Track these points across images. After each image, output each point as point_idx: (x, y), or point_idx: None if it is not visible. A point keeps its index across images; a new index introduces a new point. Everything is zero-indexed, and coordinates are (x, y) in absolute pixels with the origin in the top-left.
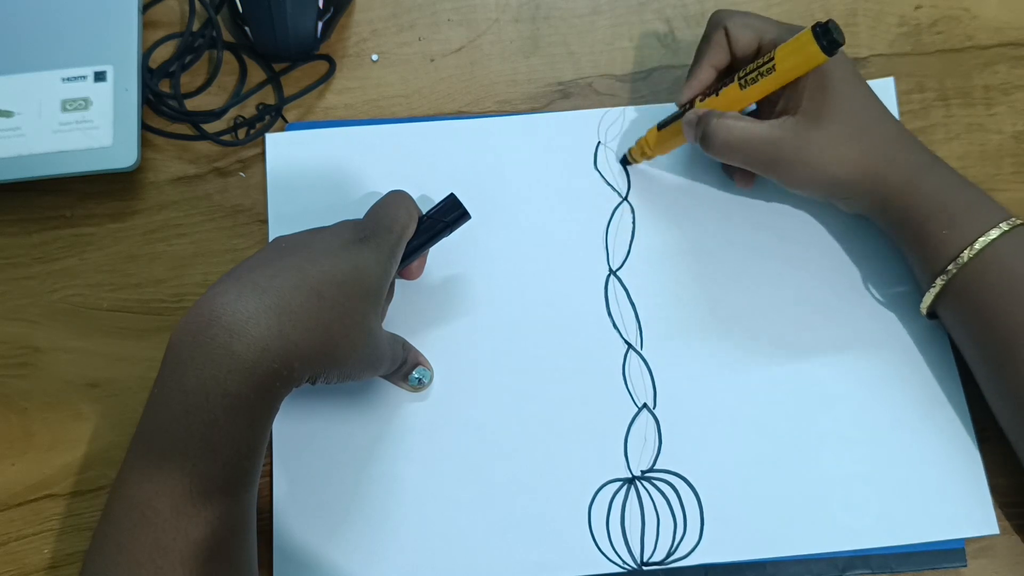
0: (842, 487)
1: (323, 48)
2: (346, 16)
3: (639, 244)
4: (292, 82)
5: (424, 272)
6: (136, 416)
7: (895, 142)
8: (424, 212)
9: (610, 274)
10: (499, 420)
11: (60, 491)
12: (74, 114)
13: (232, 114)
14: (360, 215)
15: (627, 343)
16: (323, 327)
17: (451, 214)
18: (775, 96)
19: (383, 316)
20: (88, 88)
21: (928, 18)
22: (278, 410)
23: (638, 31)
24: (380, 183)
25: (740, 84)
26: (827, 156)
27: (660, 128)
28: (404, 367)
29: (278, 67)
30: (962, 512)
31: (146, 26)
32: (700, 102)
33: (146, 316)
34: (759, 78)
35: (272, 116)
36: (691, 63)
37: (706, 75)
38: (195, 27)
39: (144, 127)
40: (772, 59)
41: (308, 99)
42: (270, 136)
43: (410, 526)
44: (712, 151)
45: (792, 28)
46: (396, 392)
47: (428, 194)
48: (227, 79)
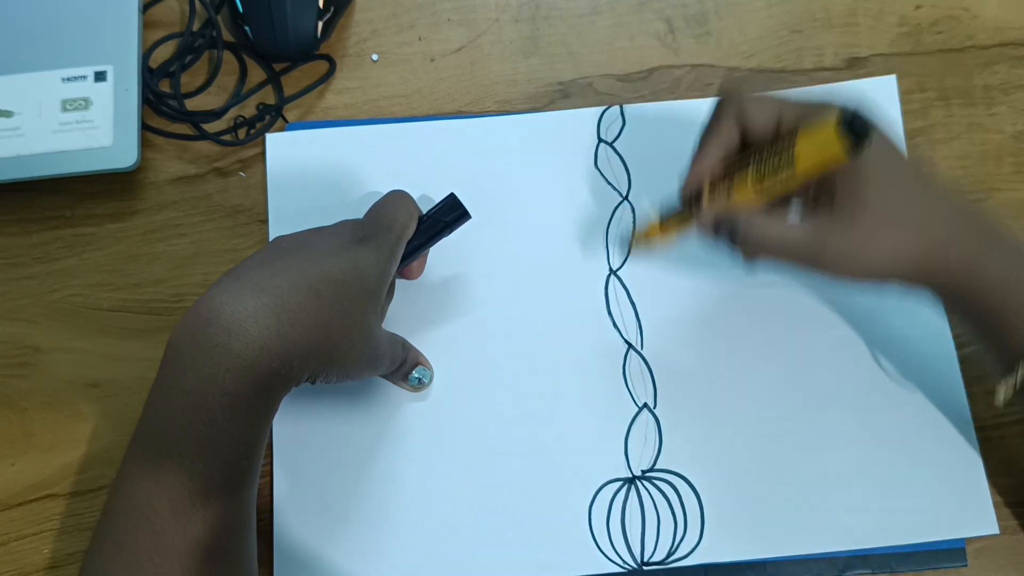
0: (842, 487)
1: (323, 48)
2: (346, 16)
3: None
4: (292, 82)
5: (424, 272)
6: (136, 416)
7: (951, 220)
8: (424, 212)
9: (610, 274)
10: (499, 420)
11: (60, 491)
12: (74, 114)
13: (232, 114)
14: (360, 215)
15: (627, 343)
16: (322, 326)
17: (451, 214)
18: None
19: (383, 316)
20: (88, 88)
21: (928, 18)
22: (277, 409)
23: (638, 31)
24: (380, 183)
25: (756, 179)
26: (870, 249)
27: (662, 221)
28: (404, 367)
29: (278, 67)
30: (962, 512)
31: (146, 26)
32: (709, 192)
33: (146, 316)
34: (777, 174)
35: (272, 116)
36: (697, 142)
37: (713, 159)
38: (195, 27)
39: (144, 127)
40: (793, 158)
41: (308, 99)
42: (270, 136)
43: (410, 526)
44: (743, 255)
45: (812, 105)
46: (396, 392)
47: (428, 194)
48: (227, 79)
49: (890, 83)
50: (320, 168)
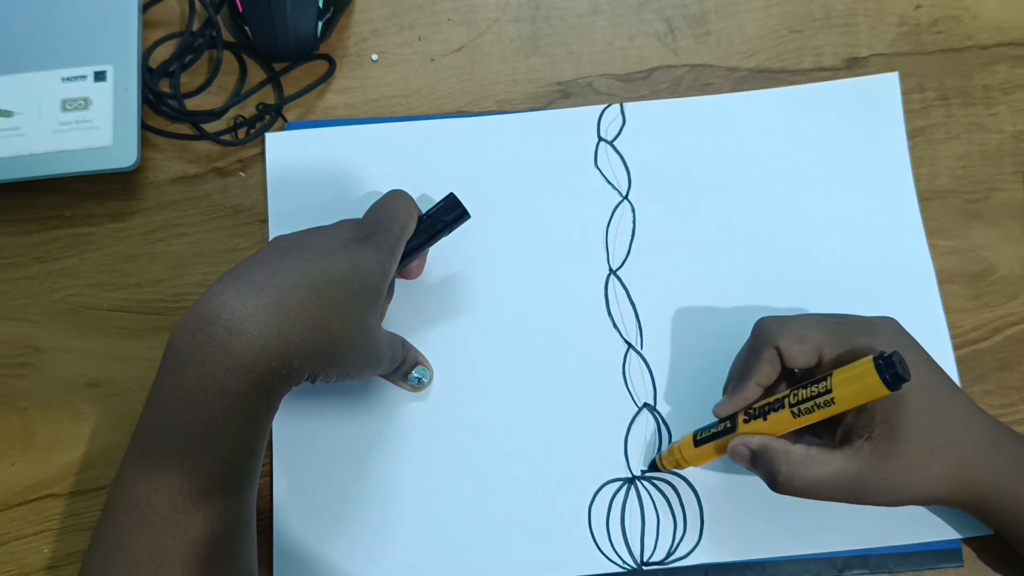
0: None
1: (323, 48)
2: (346, 16)
3: (639, 243)
4: (292, 82)
5: (424, 271)
6: (136, 416)
7: (983, 444)
8: (424, 211)
9: (610, 273)
10: (499, 420)
11: (60, 491)
12: (74, 114)
13: (232, 114)
14: (360, 214)
15: (627, 343)
16: (322, 326)
17: (451, 213)
18: None
19: (383, 315)
20: (88, 88)
21: (928, 18)
22: (277, 409)
23: (638, 31)
24: (380, 182)
25: (793, 413)
26: (913, 480)
27: (698, 443)
28: (404, 366)
29: (278, 67)
30: (959, 512)
31: (146, 26)
32: (744, 421)
33: (146, 316)
34: (815, 409)
35: (272, 116)
36: (732, 372)
37: (752, 393)
38: (195, 27)
39: (144, 127)
40: (830, 391)
41: (308, 99)
42: (270, 136)
43: (410, 526)
44: (783, 493)
45: (851, 334)
46: (396, 392)
47: (428, 193)
48: (227, 79)
49: (892, 80)
50: (320, 168)
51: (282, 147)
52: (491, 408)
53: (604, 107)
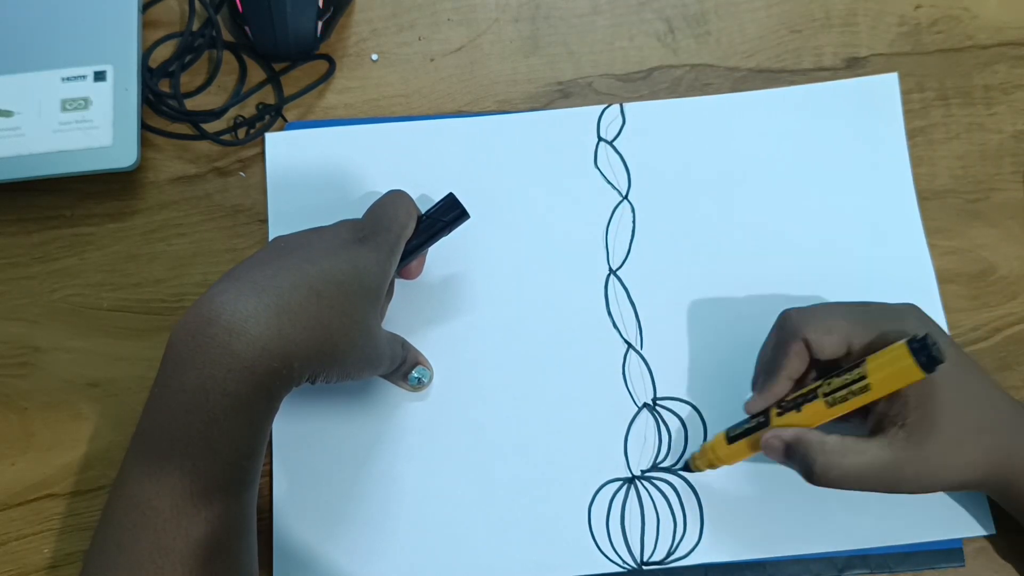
0: None
1: (323, 48)
2: (346, 16)
3: (639, 243)
4: (292, 82)
5: (423, 271)
6: (136, 416)
7: (1013, 430)
8: (423, 211)
9: (610, 273)
10: (499, 420)
11: (60, 491)
12: (74, 114)
13: (232, 114)
14: (360, 214)
15: (627, 343)
16: (322, 326)
17: (450, 213)
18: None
19: (382, 315)
20: (88, 88)
21: (928, 18)
22: (278, 410)
23: (638, 31)
24: (380, 182)
25: (827, 402)
26: (947, 465)
27: (731, 440)
28: (404, 366)
29: (278, 67)
30: (960, 512)
31: (146, 26)
32: (777, 414)
33: (146, 316)
34: (850, 397)
35: (272, 116)
36: (760, 366)
37: (782, 387)
38: (195, 27)
39: (144, 127)
40: (865, 377)
41: (308, 99)
42: (270, 136)
43: (410, 526)
44: (819, 485)
45: (878, 321)
46: (396, 392)
47: (428, 193)
48: (227, 79)
49: (892, 81)
50: (320, 168)
51: (282, 147)
52: (491, 408)
53: (604, 107)
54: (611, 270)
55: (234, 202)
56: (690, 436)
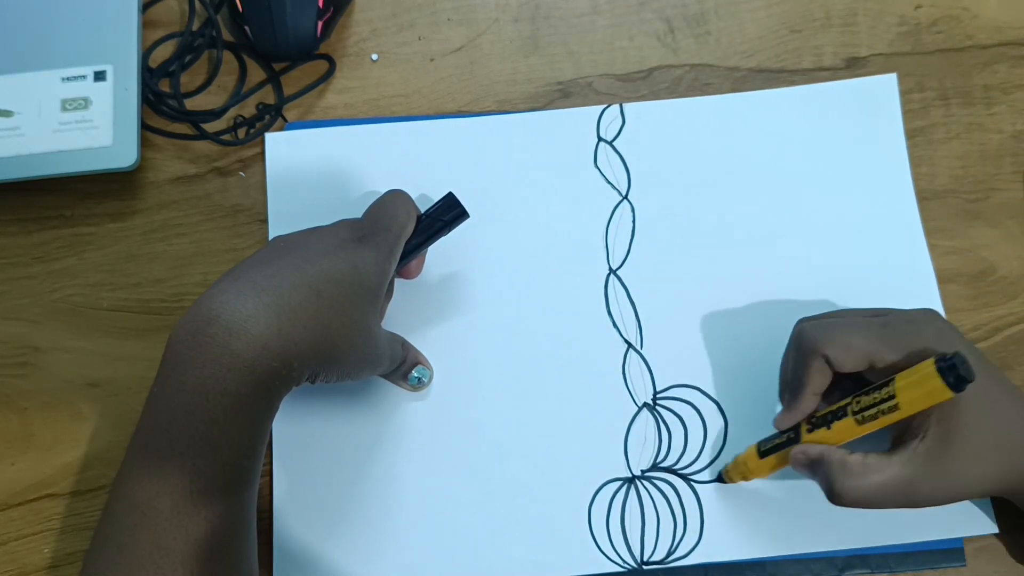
0: None
1: (323, 48)
2: (346, 16)
3: (639, 243)
4: (292, 82)
5: (423, 271)
6: (136, 416)
7: None
8: (423, 211)
9: (610, 273)
10: (499, 420)
11: (60, 491)
12: (74, 114)
13: (232, 114)
14: (359, 214)
15: (627, 342)
16: (322, 326)
17: (450, 213)
18: None
19: (382, 315)
20: (88, 88)
21: (928, 17)
22: (278, 409)
23: (638, 31)
24: (379, 182)
25: (856, 420)
26: (965, 480)
27: (762, 455)
28: (403, 366)
29: (278, 67)
30: (961, 511)
31: (146, 25)
32: (807, 430)
33: (146, 316)
34: (879, 416)
35: (272, 116)
36: (783, 382)
37: (809, 404)
38: (195, 27)
39: (144, 127)
40: (894, 397)
41: (308, 99)
42: (270, 136)
43: (410, 526)
44: (840, 505)
45: (898, 338)
46: (396, 392)
47: (427, 193)
48: (227, 79)
49: (891, 81)
50: (319, 168)
51: (282, 147)
52: (491, 408)
53: (604, 107)
54: (611, 270)
55: (234, 202)
56: (690, 436)
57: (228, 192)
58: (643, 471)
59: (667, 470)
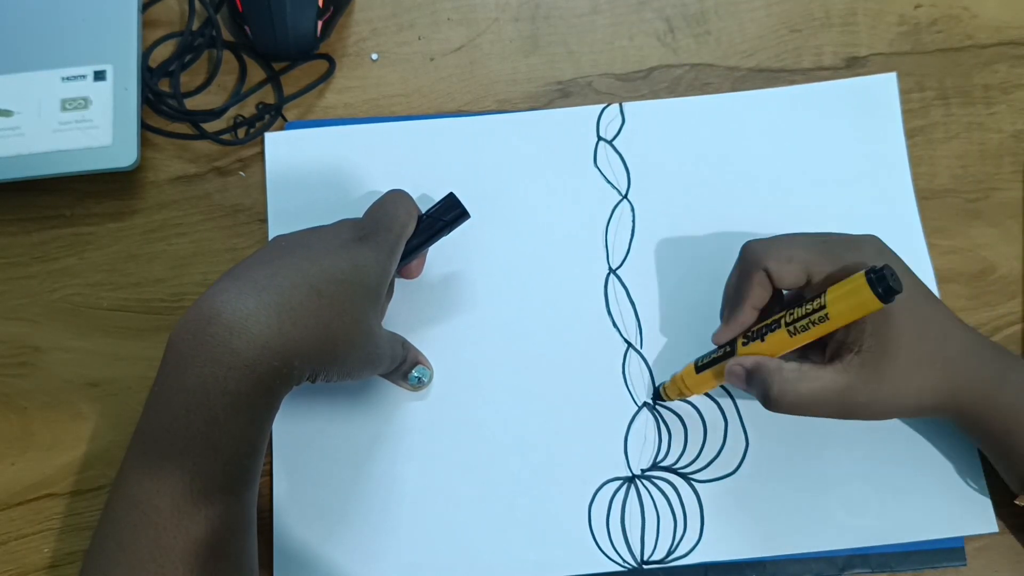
0: (842, 486)
1: (323, 47)
2: (346, 15)
3: (639, 242)
4: (292, 81)
5: (423, 271)
6: (136, 415)
7: (967, 357)
8: (423, 211)
9: (610, 272)
10: (499, 419)
11: (60, 490)
12: (74, 113)
13: (232, 113)
14: (360, 214)
15: (627, 342)
16: (323, 325)
17: (450, 213)
18: None
19: (383, 315)
20: (88, 87)
21: (928, 17)
22: (278, 409)
23: (637, 30)
24: (380, 182)
25: (789, 331)
26: (900, 391)
27: (699, 369)
28: (404, 366)
29: (278, 66)
30: (962, 511)
31: (146, 25)
32: (742, 344)
33: (146, 315)
34: (811, 326)
35: (272, 115)
36: (725, 299)
37: (748, 317)
38: (195, 26)
39: (144, 126)
40: (824, 307)
41: (308, 98)
42: (269, 135)
43: (410, 525)
44: (776, 411)
45: (837, 252)
46: (396, 392)
47: (428, 193)
48: (227, 78)
49: (890, 81)
50: (319, 167)
51: (282, 147)
52: (491, 408)
53: (603, 107)
54: (611, 269)
55: (234, 202)
56: (690, 435)
57: (228, 192)
58: (643, 470)
59: (667, 469)
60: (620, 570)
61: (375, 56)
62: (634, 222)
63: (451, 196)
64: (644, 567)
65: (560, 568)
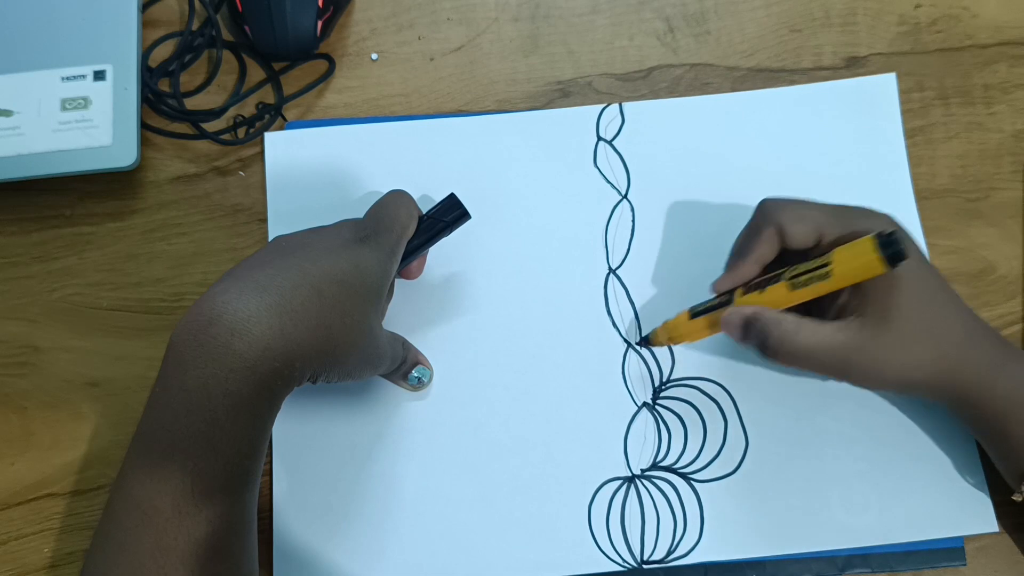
0: (842, 486)
1: (322, 47)
2: (345, 15)
3: (639, 242)
4: (292, 81)
5: (424, 271)
6: (136, 415)
7: (967, 339)
8: (424, 211)
9: (610, 272)
10: (499, 419)
11: (60, 490)
12: (73, 113)
13: (232, 113)
14: (360, 214)
15: (627, 342)
16: (324, 326)
17: (451, 214)
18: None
19: (383, 315)
20: (87, 87)
21: (928, 17)
22: (279, 409)
23: (637, 30)
24: (380, 182)
25: (790, 285)
26: (897, 360)
27: (693, 316)
28: (404, 366)
29: (278, 66)
30: (961, 510)
31: (145, 25)
32: (741, 294)
33: (146, 315)
34: (812, 283)
35: (272, 115)
36: (733, 250)
37: (751, 269)
38: (195, 26)
39: (144, 126)
40: (829, 265)
41: (308, 98)
42: (269, 135)
43: (410, 525)
44: (774, 360)
45: (851, 218)
46: (396, 392)
47: (428, 193)
48: (227, 78)
49: (890, 81)
50: (319, 167)
51: (282, 146)
52: (491, 408)
53: (603, 107)
54: (611, 269)
55: (234, 201)
56: (690, 435)
57: (228, 192)
58: (643, 470)
59: (667, 469)
60: (620, 570)
61: (375, 56)
62: (634, 222)
63: (452, 197)
64: (644, 567)
65: (560, 568)
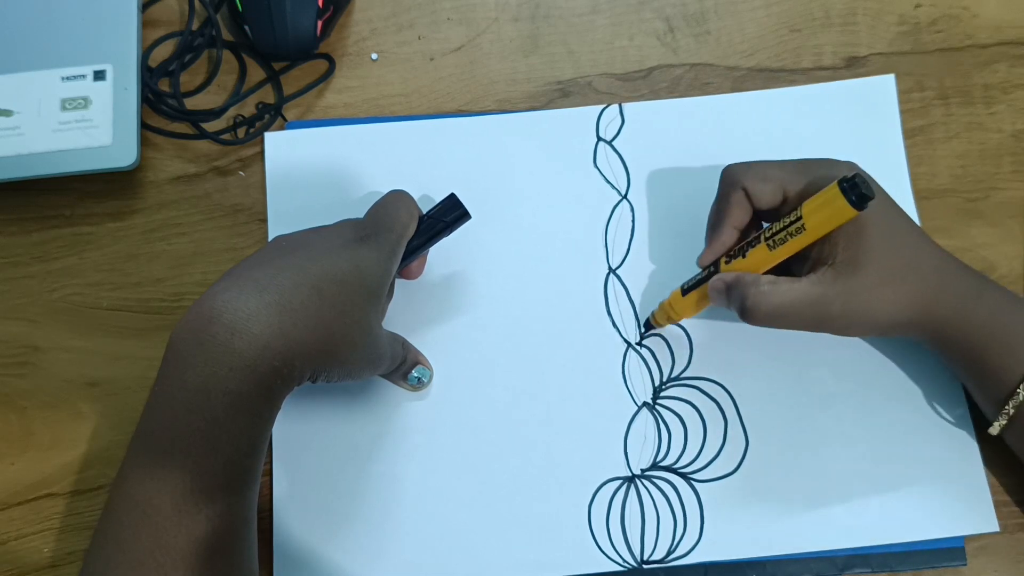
0: (842, 485)
1: (323, 47)
2: (345, 15)
3: (639, 242)
4: (292, 81)
5: (424, 271)
6: (136, 415)
7: (941, 273)
8: (424, 212)
9: (609, 272)
10: (499, 419)
11: (60, 490)
12: (73, 113)
13: (232, 113)
14: (360, 214)
15: (627, 342)
16: (324, 325)
17: (451, 214)
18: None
19: (383, 315)
20: (87, 87)
21: (928, 17)
22: (279, 409)
23: (637, 30)
24: (380, 182)
25: (768, 245)
26: (873, 302)
27: (685, 292)
28: (404, 366)
29: (278, 66)
30: (962, 510)
31: (145, 25)
32: (725, 263)
33: (146, 315)
34: (788, 238)
35: (272, 115)
36: (708, 223)
37: (729, 237)
38: (195, 26)
39: (143, 126)
40: (800, 218)
41: (308, 98)
42: (269, 135)
43: (410, 525)
44: (752, 322)
45: (812, 169)
46: (396, 392)
47: (428, 193)
48: (227, 78)
49: (888, 82)
50: (319, 167)
51: (282, 146)
52: (491, 408)
53: (603, 107)
54: (610, 269)
55: (234, 201)
56: (690, 435)
57: (228, 191)
58: (643, 470)
59: (667, 469)
60: (620, 570)
61: (375, 56)
62: (634, 222)
63: (452, 197)
64: (644, 567)
65: (560, 568)
